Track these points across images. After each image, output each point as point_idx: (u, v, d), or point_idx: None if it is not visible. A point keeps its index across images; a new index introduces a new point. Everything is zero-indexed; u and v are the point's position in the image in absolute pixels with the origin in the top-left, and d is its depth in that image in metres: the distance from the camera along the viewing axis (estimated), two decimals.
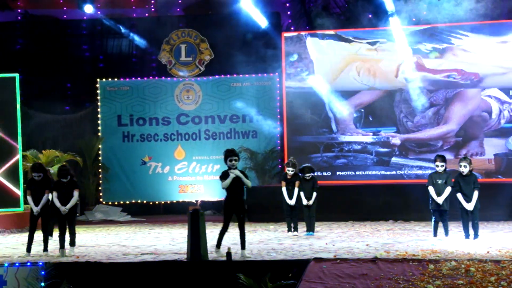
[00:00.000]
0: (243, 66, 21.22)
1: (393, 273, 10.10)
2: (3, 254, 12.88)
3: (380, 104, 20.53)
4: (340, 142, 20.79)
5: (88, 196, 21.92)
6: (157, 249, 13.15)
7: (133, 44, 22.94)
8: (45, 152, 20.16)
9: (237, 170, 11.94)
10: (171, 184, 22.08)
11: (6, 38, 22.60)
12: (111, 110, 22.33)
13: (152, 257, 12.04)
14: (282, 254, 12.05)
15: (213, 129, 22.16)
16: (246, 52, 20.92)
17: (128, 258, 12.02)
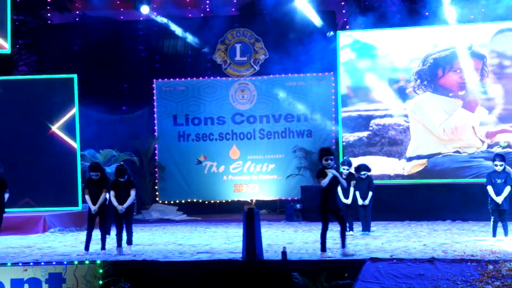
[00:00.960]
0: (298, 65, 21.18)
1: (451, 273, 9.95)
2: (62, 252, 13.09)
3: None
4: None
5: (145, 195, 22.15)
6: (212, 248, 13.20)
7: (188, 44, 23.09)
8: (102, 152, 20.45)
9: (333, 170, 11.77)
10: (226, 183, 22.17)
11: (65, 40, 22.97)
12: (167, 110, 22.53)
13: (208, 256, 12.08)
14: (338, 253, 11.97)
15: (267, 128, 22.17)
16: (301, 51, 20.87)
17: (184, 257, 12.10)
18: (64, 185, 18.77)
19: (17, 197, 18.31)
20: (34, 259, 11.86)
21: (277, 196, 22.00)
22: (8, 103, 18.97)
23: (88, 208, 12.90)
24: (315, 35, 21.17)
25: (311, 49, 20.91)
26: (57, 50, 23.14)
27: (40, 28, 23.57)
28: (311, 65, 21.22)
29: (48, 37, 23.33)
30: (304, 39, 20.99)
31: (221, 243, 14.15)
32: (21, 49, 23.79)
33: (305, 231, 16.19)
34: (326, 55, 21.04)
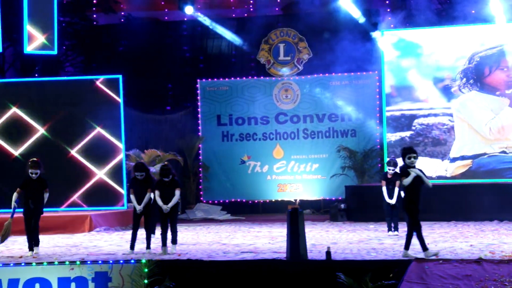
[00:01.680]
0: (342, 64, 21.07)
1: (499, 274, 9.80)
2: (108, 251, 13.21)
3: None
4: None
5: (189, 195, 22.25)
6: (256, 248, 13.19)
7: (232, 44, 23.15)
8: (147, 152, 20.61)
9: (417, 169, 11.64)
10: (270, 183, 22.17)
11: (110, 41, 23.21)
12: (211, 110, 22.60)
13: (252, 255, 12.08)
14: (383, 254, 11.88)
15: (311, 128, 22.11)
16: (345, 50, 20.75)
17: (228, 256, 12.11)
18: (109, 185, 18.95)
19: (63, 196, 18.58)
20: (80, 257, 11.98)
21: (321, 196, 21.93)
22: (55, 104, 19.21)
23: (133, 208, 12.99)
24: (359, 34, 21.02)
25: (355, 48, 20.77)
26: (103, 51, 23.40)
27: (86, 29, 23.86)
28: (355, 64, 21.09)
29: (94, 38, 23.61)
30: (348, 38, 20.87)
31: (265, 242, 14.14)
32: (68, 50, 24.11)
33: (349, 231, 16.10)
34: (370, 54, 20.90)
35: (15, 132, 19.15)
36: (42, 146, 18.83)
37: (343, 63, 21.03)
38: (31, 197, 13.00)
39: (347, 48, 20.74)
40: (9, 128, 19.19)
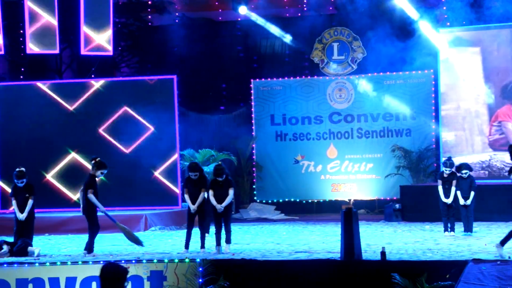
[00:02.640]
0: (397, 63, 20.88)
1: None
2: (163, 250, 13.34)
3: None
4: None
5: (243, 195, 22.32)
6: (310, 248, 13.17)
7: (285, 44, 23.13)
8: (201, 151, 20.74)
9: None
10: (323, 182, 22.09)
11: (164, 41, 23.40)
12: (264, 110, 22.63)
13: (306, 255, 12.07)
14: (439, 254, 11.74)
15: (365, 127, 21.96)
16: (400, 49, 20.54)
17: (282, 256, 12.12)
18: (164, 184, 19.13)
19: (118, 196, 18.83)
20: (136, 257, 12.12)
21: (375, 196, 21.77)
22: (111, 104, 19.47)
23: (188, 207, 13.09)
24: (414, 31, 20.81)
25: (410, 47, 20.56)
26: (157, 52, 23.61)
27: (141, 30, 24.12)
28: (410, 63, 20.86)
29: (149, 39, 23.84)
30: (403, 36, 20.66)
31: (319, 242, 14.12)
32: (123, 51, 24.41)
33: (404, 231, 15.97)
34: (425, 53, 20.65)
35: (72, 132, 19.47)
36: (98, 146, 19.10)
37: (398, 62, 20.82)
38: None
39: (401, 47, 20.53)
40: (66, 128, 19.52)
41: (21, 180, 13.36)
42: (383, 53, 20.79)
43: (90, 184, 12.75)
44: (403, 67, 21.13)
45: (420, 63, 20.89)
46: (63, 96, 19.73)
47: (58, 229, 17.47)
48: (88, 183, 12.75)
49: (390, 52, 20.56)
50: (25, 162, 14.65)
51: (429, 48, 20.58)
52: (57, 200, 19.28)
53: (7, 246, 12.99)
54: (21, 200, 13.33)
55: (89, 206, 12.81)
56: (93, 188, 12.80)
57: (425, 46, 20.59)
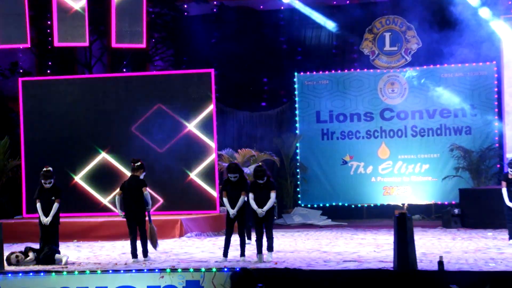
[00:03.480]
0: (455, 54, 20.68)
1: None
2: (199, 259, 13.36)
3: None
4: None
5: (286, 198, 22.29)
6: (360, 256, 13.10)
7: (333, 34, 23.04)
8: (240, 152, 20.75)
9: None
10: (374, 185, 21.97)
11: (202, 32, 23.46)
12: (310, 106, 22.57)
13: (355, 264, 12.00)
14: (503, 265, 11.59)
15: (420, 125, 21.79)
16: (458, 39, 20.34)
17: (329, 265, 12.06)
18: (201, 187, 19.15)
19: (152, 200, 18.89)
20: (170, 265, 12.15)
21: (432, 200, 21.58)
22: (144, 100, 19.56)
23: (227, 212, 13.07)
24: (474, 20, 20.56)
25: (470, 36, 20.33)
26: (194, 43, 23.68)
27: (176, 21, 24.22)
28: (470, 54, 20.63)
29: (185, 30, 23.92)
30: (461, 25, 20.43)
31: (370, 251, 14.03)
32: (157, 43, 24.54)
33: (464, 239, 15.78)
34: (487, 43, 20.41)
35: (102, 130, 19.61)
36: (130, 145, 19.21)
37: (456, 53, 20.64)
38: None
39: (460, 37, 20.33)
40: (96, 126, 19.66)
41: (48, 181, 13.47)
42: (440, 43, 20.62)
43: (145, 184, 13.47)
44: (462, 58, 20.90)
45: (481, 54, 20.67)
46: (93, 92, 19.87)
47: (87, 235, 17.61)
48: (142, 184, 13.41)
49: (447, 42, 20.36)
50: (52, 163, 14.74)
51: (491, 37, 20.31)
52: (86, 204, 19.44)
53: (33, 253, 13.11)
54: (46, 203, 13.44)
55: (141, 208, 13.35)
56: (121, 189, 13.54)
57: (487, 35, 20.33)
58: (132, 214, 13.29)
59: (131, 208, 13.28)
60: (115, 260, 13.40)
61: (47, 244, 13.24)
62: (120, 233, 16.85)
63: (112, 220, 17.98)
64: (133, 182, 13.40)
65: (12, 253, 13.03)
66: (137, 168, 13.51)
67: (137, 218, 13.33)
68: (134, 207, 13.27)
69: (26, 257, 13.03)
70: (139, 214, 13.34)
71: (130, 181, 13.46)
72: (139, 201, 13.28)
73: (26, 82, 20.31)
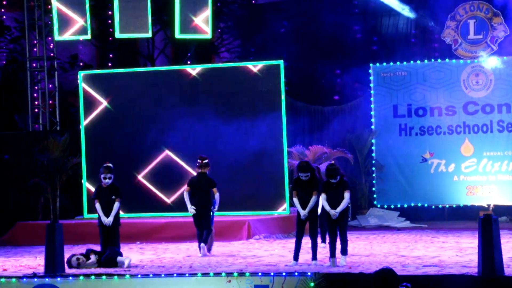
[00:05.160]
0: None
1: None
2: (268, 262, 13.42)
3: None
4: None
5: (361, 198, 22.22)
6: (441, 261, 13.01)
7: (411, 22, 22.88)
8: (311, 148, 20.73)
9: None
10: (457, 184, 21.77)
11: (270, 21, 23.54)
12: (386, 99, 22.46)
13: (436, 270, 11.92)
14: None
15: (508, 119, 21.51)
16: None
17: (407, 270, 12.01)
18: (269, 187, 19.22)
19: None
20: (238, 268, 12.24)
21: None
22: (209, 94, 19.72)
23: (297, 213, 13.11)
24: None
25: None
26: (262, 34, 23.77)
27: (243, 9, 24.35)
28: None
29: (252, 19, 24.03)
30: None
31: (452, 255, 13.91)
32: (223, 33, 24.72)
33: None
34: None
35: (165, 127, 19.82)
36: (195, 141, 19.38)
37: None
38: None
39: None
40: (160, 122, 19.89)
41: (108, 175, 13.70)
42: None
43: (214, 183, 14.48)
44: None
45: None
46: (155, 85, 20.10)
47: (151, 237, 17.85)
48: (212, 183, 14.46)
49: None
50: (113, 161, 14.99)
51: None
52: (149, 204, 19.69)
53: (95, 256, 13.34)
54: (106, 202, 13.69)
55: (208, 205, 14.49)
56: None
57: None
58: (200, 210, 14.34)
59: (200, 204, 14.34)
60: (180, 263, 13.56)
61: (109, 246, 13.47)
62: (185, 235, 17.07)
63: (176, 221, 18.20)
64: (202, 180, 14.45)
65: (73, 255, 13.27)
66: (205, 165, 14.56)
67: (204, 215, 14.39)
68: (202, 204, 14.35)
69: (88, 259, 13.26)
70: (206, 211, 14.40)
71: (199, 178, 14.50)
72: (206, 198, 14.39)
73: (86, 75, 20.64)
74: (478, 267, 11.05)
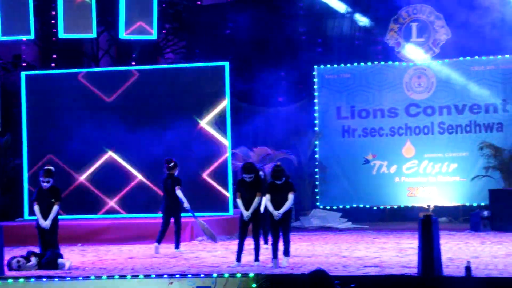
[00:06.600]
0: (487, 45, 20.62)
1: None
2: (211, 263, 13.39)
3: None
4: None
5: (304, 200, 22.29)
6: (382, 262, 13.09)
7: (355, 24, 23.02)
8: (256, 150, 20.78)
9: None
10: (398, 186, 21.96)
11: (216, 23, 23.50)
12: (330, 101, 22.57)
13: (377, 270, 12.00)
14: None
15: (448, 121, 21.75)
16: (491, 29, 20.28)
17: (349, 271, 12.06)
18: (213, 188, 19.20)
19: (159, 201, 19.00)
20: (180, 270, 12.20)
21: (459, 202, 21.55)
22: (153, 95, 19.62)
23: (240, 214, 13.10)
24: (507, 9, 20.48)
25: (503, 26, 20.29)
26: (207, 35, 23.73)
27: (189, 10, 24.25)
28: (503, 45, 20.59)
29: (198, 20, 23.95)
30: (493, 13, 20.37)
31: (393, 255, 14.02)
32: (168, 34, 24.60)
33: (494, 243, 15.74)
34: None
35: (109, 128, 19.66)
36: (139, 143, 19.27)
37: (488, 44, 20.57)
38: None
39: (493, 26, 20.27)
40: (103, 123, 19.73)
41: (46, 179, 13.53)
42: (471, 34, 20.52)
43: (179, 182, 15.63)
44: (495, 50, 20.87)
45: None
46: (100, 86, 19.94)
47: (93, 239, 17.68)
48: (177, 181, 15.59)
49: (478, 33, 20.29)
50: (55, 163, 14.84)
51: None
52: (91, 206, 19.51)
53: (35, 258, 13.18)
54: (45, 205, 13.53)
55: (175, 204, 15.62)
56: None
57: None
58: (168, 209, 15.62)
59: (167, 203, 15.61)
60: (122, 265, 13.45)
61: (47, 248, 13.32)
62: (127, 236, 16.98)
63: (119, 223, 18.07)
64: (169, 180, 15.64)
65: (13, 257, 13.09)
66: (172, 167, 15.71)
67: (174, 213, 15.63)
68: (169, 203, 15.59)
69: (28, 261, 13.09)
70: (175, 209, 15.62)
71: (167, 179, 15.71)
72: (174, 197, 15.52)
73: (29, 76, 20.40)
74: (418, 267, 11.14)
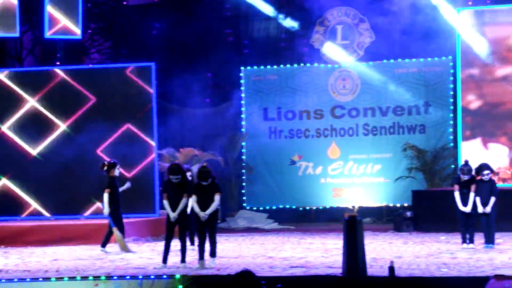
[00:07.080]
0: (410, 49, 20.88)
1: None
2: (137, 265, 13.32)
3: None
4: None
5: (230, 201, 22.30)
6: (308, 262, 13.19)
7: (282, 26, 23.10)
8: (182, 151, 20.72)
9: None
10: (323, 187, 22.12)
11: (142, 23, 23.36)
12: (257, 103, 22.62)
13: (303, 270, 12.08)
14: (456, 270, 11.78)
15: (373, 123, 21.99)
16: (413, 33, 20.55)
17: (275, 271, 12.13)
18: (139, 189, 19.06)
19: (86, 203, 18.81)
20: (105, 272, 12.10)
21: (383, 202, 21.81)
22: (78, 95, 19.40)
23: (167, 215, 13.07)
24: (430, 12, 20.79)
25: (426, 30, 20.59)
26: (134, 35, 23.57)
27: (114, 11, 24.05)
28: (425, 48, 20.90)
29: (124, 20, 23.79)
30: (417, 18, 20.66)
31: (318, 256, 14.14)
32: (94, 34, 24.34)
33: (416, 243, 15.99)
34: (443, 37, 20.68)
35: (33, 128, 19.38)
36: (63, 145, 19.05)
37: (411, 48, 20.84)
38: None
39: (416, 30, 20.54)
40: (26, 123, 19.43)
41: None
42: (394, 37, 20.79)
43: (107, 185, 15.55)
44: (417, 53, 21.15)
45: (436, 49, 20.93)
46: (23, 86, 19.61)
47: (16, 241, 17.36)
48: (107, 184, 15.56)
49: (402, 36, 20.56)
50: None
51: (447, 31, 20.55)
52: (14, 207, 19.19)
53: None
54: None
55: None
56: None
57: (443, 29, 20.58)
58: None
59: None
60: (46, 267, 13.28)
61: None
62: (51, 238, 16.77)
63: (42, 225, 17.82)
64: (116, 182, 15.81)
65: None
66: (107, 170, 15.62)
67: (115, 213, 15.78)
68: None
69: None
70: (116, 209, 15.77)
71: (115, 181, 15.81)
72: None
73: None
74: (343, 268, 11.25)
